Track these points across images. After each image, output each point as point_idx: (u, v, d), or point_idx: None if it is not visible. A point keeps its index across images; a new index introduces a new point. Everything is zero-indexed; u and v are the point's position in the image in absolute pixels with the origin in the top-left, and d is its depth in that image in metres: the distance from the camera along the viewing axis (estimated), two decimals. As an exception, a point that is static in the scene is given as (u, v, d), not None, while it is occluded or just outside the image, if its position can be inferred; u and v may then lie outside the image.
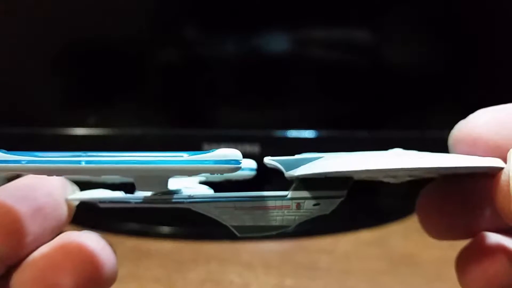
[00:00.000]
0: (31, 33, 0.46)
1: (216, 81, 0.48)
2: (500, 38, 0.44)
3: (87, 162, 0.15)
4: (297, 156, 0.18)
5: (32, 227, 0.16)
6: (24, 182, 0.17)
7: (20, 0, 0.45)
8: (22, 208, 0.16)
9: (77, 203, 0.18)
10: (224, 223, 0.17)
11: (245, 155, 0.52)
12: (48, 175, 0.16)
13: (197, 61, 0.47)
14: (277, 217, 0.17)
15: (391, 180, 0.19)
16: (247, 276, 0.40)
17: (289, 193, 0.17)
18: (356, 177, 0.18)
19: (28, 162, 0.15)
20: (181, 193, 0.18)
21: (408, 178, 0.19)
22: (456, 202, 0.18)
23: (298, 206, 0.17)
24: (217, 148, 0.15)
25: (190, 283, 0.39)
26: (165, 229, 0.46)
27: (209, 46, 0.47)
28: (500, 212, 0.15)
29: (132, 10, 0.46)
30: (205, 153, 0.15)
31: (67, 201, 0.18)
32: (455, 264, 0.19)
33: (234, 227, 0.17)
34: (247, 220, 0.17)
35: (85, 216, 0.19)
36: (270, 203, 0.17)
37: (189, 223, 0.45)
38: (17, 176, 0.18)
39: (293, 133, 0.45)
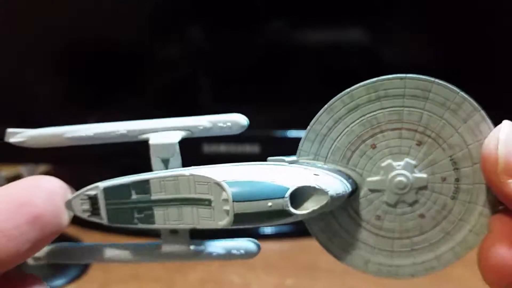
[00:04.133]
0: (31, 33, 0.46)
1: (216, 81, 0.48)
2: (500, 40, 0.44)
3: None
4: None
5: (31, 235, 0.16)
6: (25, 186, 0.17)
7: (21, 1, 0.45)
8: (22, 216, 0.16)
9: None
10: (224, 189, 0.16)
11: (245, 155, 0.53)
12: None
13: (197, 61, 0.47)
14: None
15: None
16: (247, 276, 0.40)
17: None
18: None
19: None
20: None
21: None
22: None
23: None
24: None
25: (190, 283, 0.39)
26: (165, 229, 0.46)
27: (209, 46, 0.47)
28: (490, 184, 0.16)
29: (133, 10, 0.46)
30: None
31: (67, 207, 0.18)
32: None
33: (234, 195, 0.16)
34: (246, 185, 0.16)
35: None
36: (270, 166, 0.17)
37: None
38: (18, 177, 0.18)
39: (293, 133, 0.45)
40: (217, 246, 0.19)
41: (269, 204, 0.16)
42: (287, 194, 0.16)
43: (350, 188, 0.17)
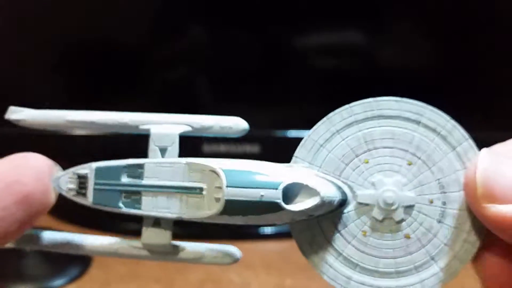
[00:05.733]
0: (31, 32, 0.46)
1: (216, 81, 0.48)
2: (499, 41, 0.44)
3: None
4: None
5: (20, 215, 0.16)
6: (12, 164, 0.17)
7: (23, 1, 0.46)
8: (11, 196, 0.16)
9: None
10: (218, 175, 0.16)
11: (245, 155, 0.53)
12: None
13: (198, 61, 0.47)
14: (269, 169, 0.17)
15: None
16: (247, 275, 0.40)
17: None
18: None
19: None
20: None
21: None
22: None
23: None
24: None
25: (190, 283, 0.39)
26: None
27: (210, 46, 0.47)
28: (472, 207, 0.16)
29: (134, 10, 0.46)
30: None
31: (54, 184, 0.18)
32: None
33: (228, 180, 0.16)
34: (241, 174, 0.17)
35: (85, 216, 0.19)
36: (267, 162, 0.17)
37: (189, 223, 0.45)
38: None
39: (293, 133, 0.45)
40: (196, 246, 0.19)
41: (262, 193, 0.16)
42: (281, 186, 0.16)
43: (340, 197, 0.17)
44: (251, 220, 0.17)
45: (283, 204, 0.16)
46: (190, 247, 0.19)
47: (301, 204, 0.16)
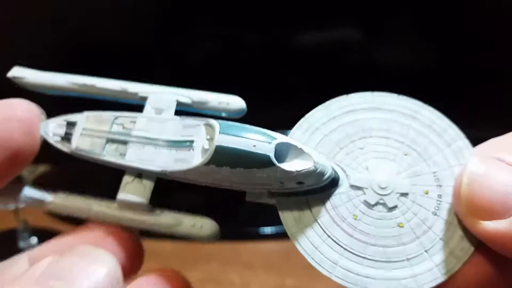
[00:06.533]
0: (31, 31, 0.46)
1: (216, 80, 0.48)
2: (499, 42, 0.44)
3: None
4: None
5: (9, 170, 0.16)
6: (1, 117, 0.16)
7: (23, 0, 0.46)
8: (2, 153, 0.15)
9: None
10: (212, 126, 0.16)
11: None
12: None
13: (198, 61, 0.47)
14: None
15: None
16: (247, 276, 0.40)
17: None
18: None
19: None
20: None
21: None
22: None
23: None
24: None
25: (190, 282, 0.39)
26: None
27: (210, 46, 0.47)
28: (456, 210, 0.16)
29: (133, 9, 0.46)
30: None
31: (42, 128, 0.17)
32: None
33: (221, 127, 0.16)
34: (236, 125, 0.16)
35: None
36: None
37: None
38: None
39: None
40: (173, 216, 0.18)
41: (254, 144, 0.16)
42: (274, 142, 0.16)
43: (332, 173, 0.17)
44: (238, 176, 0.16)
45: (274, 159, 0.15)
46: (168, 213, 0.18)
47: (292, 164, 0.16)
